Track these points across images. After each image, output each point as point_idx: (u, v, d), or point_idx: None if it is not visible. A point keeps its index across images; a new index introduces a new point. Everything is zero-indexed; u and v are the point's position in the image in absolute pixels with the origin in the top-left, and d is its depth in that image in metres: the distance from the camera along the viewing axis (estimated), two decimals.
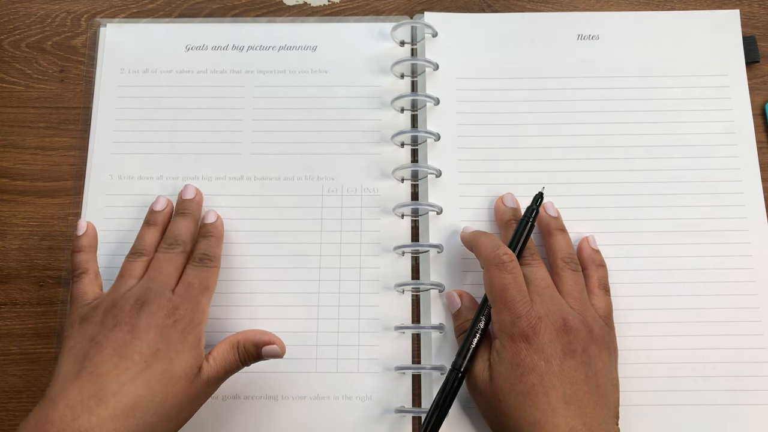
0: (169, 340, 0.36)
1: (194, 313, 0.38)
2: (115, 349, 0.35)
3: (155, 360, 0.35)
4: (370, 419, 0.42)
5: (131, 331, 0.36)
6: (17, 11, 0.52)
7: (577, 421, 0.35)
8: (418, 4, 0.52)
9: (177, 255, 0.41)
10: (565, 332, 0.37)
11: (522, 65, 0.49)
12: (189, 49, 0.50)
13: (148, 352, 0.35)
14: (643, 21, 0.50)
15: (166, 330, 0.37)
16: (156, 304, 0.37)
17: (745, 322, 0.44)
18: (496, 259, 0.39)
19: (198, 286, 0.39)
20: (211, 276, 0.41)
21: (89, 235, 0.44)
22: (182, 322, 0.37)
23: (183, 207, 0.44)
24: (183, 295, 0.39)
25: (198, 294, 0.39)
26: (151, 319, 0.37)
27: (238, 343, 0.39)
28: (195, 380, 0.36)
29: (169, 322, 0.37)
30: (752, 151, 0.47)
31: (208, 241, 0.43)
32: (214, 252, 0.42)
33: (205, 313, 0.40)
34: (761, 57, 0.50)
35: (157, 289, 0.38)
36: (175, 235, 0.42)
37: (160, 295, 0.38)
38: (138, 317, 0.37)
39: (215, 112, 0.49)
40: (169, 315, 0.37)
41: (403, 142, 0.48)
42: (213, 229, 0.43)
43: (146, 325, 0.36)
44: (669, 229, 0.45)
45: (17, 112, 0.50)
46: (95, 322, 0.37)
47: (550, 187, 0.45)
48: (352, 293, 0.45)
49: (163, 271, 0.40)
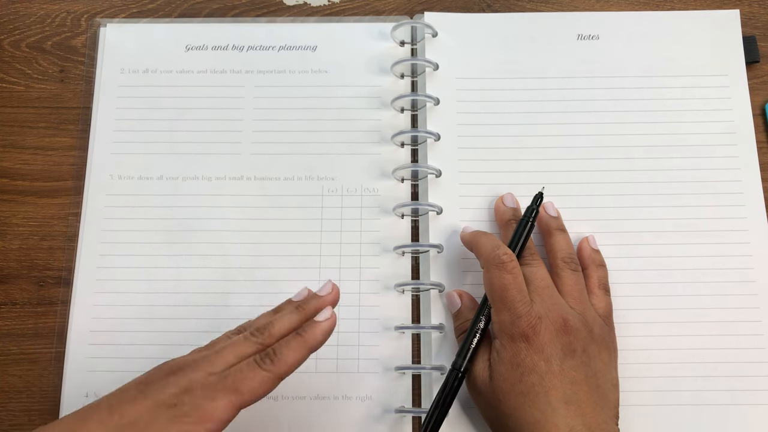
0: (154, 418, 0.31)
1: (201, 408, 0.31)
2: (118, 400, 0.32)
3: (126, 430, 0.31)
4: (370, 419, 0.42)
5: (141, 392, 0.32)
6: (17, 11, 0.52)
7: (577, 422, 0.35)
8: (418, 4, 0.52)
9: (251, 344, 0.34)
10: (565, 332, 0.37)
11: (522, 65, 0.49)
12: (189, 49, 0.50)
13: (128, 419, 0.31)
14: (643, 21, 0.50)
15: (161, 408, 0.31)
16: (181, 377, 0.32)
17: (745, 322, 0.44)
18: (496, 259, 0.39)
19: (231, 380, 0.32)
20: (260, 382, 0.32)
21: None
22: (179, 409, 0.31)
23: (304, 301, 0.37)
24: (206, 383, 0.32)
25: (223, 389, 0.32)
26: (162, 388, 0.32)
27: None
28: None
29: (170, 401, 0.32)
30: (752, 151, 0.47)
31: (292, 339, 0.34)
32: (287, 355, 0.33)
33: (217, 415, 0.31)
34: (761, 57, 0.50)
35: (197, 365, 0.33)
36: (268, 324, 0.35)
37: (191, 371, 0.33)
38: (157, 382, 0.33)
39: (215, 112, 0.49)
40: (176, 394, 0.32)
41: (403, 142, 0.48)
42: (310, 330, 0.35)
43: (152, 393, 0.32)
44: (669, 229, 0.45)
45: (17, 112, 0.50)
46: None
47: (550, 187, 0.45)
48: (352, 293, 0.45)
49: (219, 351, 0.34)
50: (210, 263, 0.45)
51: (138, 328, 0.44)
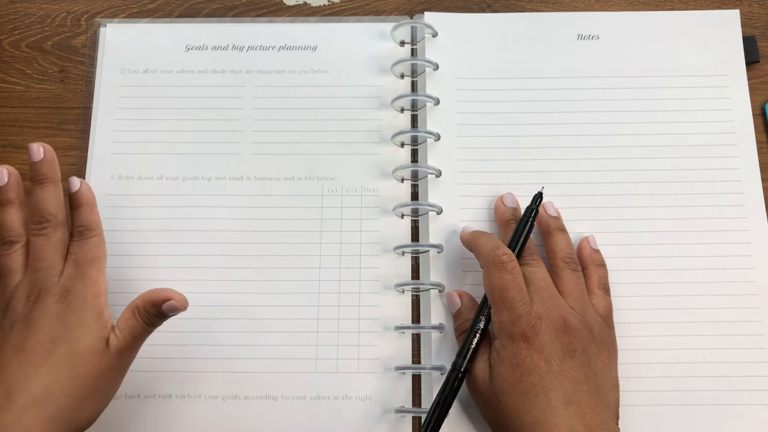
0: (68, 323, 0.36)
1: (87, 288, 0.38)
2: (15, 347, 0.36)
3: (56, 345, 0.36)
4: (370, 419, 0.42)
5: (27, 326, 0.36)
6: (17, 11, 0.52)
7: (577, 422, 0.35)
8: (418, 4, 0.52)
9: (52, 233, 0.39)
10: (565, 332, 0.37)
11: (522, 65, 0.49)
12: (189, 49, 0.50)
13: (47, 341, 0.36)
14: (643, 21, 0.50)
15: (62, 314, 0.36)
16: (47, 293, 0.37)
17: (745, 322, 0.44)
18: (496, 259, 0.39)
19: (84, 260, 0.38)
20: (96, 246, 0.39)
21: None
22: (75, 301, 0.37)
23: (36, 174, 0.40)
24: (72, 275, 0.38)
25: (86, 268, 0.38)
26: (42, 308, 0.36)
27: (137, 308, 0.38)
28: (103, 354, 0.36)
29: (63, 306, 0.37)
30: (752, 151, 0.47)
31: (81, 211, 0.41)
32: (91, 220, 0.40)
33: (100, 284, 0.39)
34: (761, 57, 0.50)
35: (44, 278, 0.37)
36: (41, 211, 0.39)
37: (48, 283, 0.37)
38: (32, 311, 0.36)
39: (215, 112, 0.49)
40: (61, 299, 0.37)
41: (403, 142, 0.48)
42: (81, 198, 0.41)
43: (39, 316, 0.36)
44: (669, 229, 0.45)
45: (17, 112, 0.50)
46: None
47: (550, 187, 0.45)
48: (352, 293, 0.45)
49: (44, 258, 0.38)
50: (210, 263, 0.45)
51: None
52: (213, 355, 0.44)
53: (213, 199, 0.47)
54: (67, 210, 0.41)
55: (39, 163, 0.40)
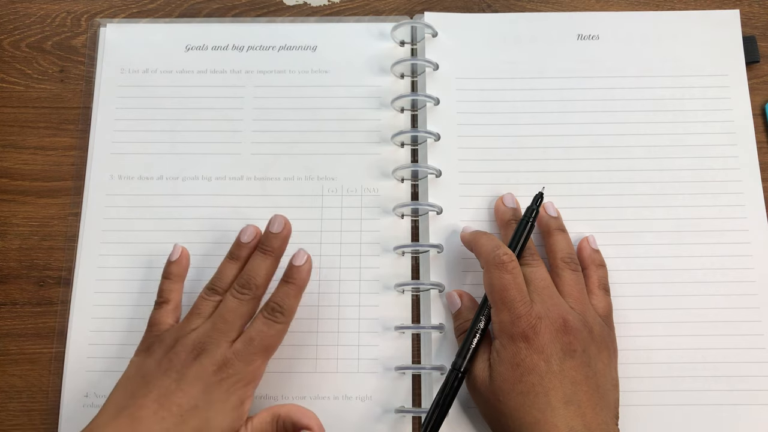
0: (211, 397, 0.36)
1: (245, 372, 0.37)
2: (159, 395, 0.35)
3: (192, 416, 0.35)
4: (370, 419, 0.43)
5: (178, 380, 0.36)
6: (17, 11, 0.52)
7: (577, 422, 0.35)
8: (418, 4, 0.52)
9: (246, 302, 0.38)
10: (565, 332, 0.37)
11: (522, 65, 0.49)
12: (189, 49, 0.50)
13: (186, 406, 0.35)
14: (643, 21, 0.50)
15: (211, 386, 0.36)
16: (209, 356, 0.36)
17: (745, 322, 0.44)
18: (496, 259, 0.39)
19: (259, 343, 0.37)
20: (278, 333, 0.38)
21: (181, 264, 0.42)
22: (229, 380, 0.36)
23: (265, 243, 0.40)
24: (239, 351, 0.37)
25: (256, 352, 0.37)
26: (200, 371, 0.36)
27: (279, 417, 0.38)
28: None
29: (216, 378, 0.36)
30: (752, 151, 0.47)
31: (287, 289, 0.39)
32: (290, 304, 0.39)
33: (259, 373, 0.38)
34: (761, 57, 0.50)
35: (216, 339, 0.37)
36: (250, 277, 0.39)
37: (216, 347, 0.36)
38: (189, 367, 0.36)
39: (215, 112, 0.49)
40: (218, 371, 0.36)
41: (403, 142, 0.48)
42: (298, 276, 0.39)
43: (193, 377, 0.36)
44: (669, 229, 0.45)
45: (17, 112, 0.50)
46: (155, 359, 0.37)
47: (550, 187, 0.45)
48: (352, 293, 0.45)
49: (227, 319, 0.38)
50: (210, 263, 0.45)
51: (138, 328, 0.44)
52: None
53: (213, 199, 0.47)
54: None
55: (274, 236, 0.40)
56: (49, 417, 0.43)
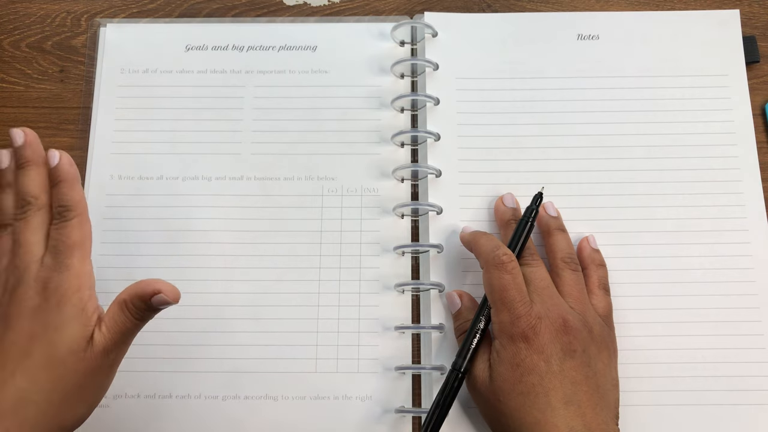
0: (45, 320, 0.33)
1: (67, 281, 0.34)
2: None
3: (32, 346, 0.32)
4: (370, 419, 0.43)
5: (4, 322, 0.33)
6: (17, 11, 0.52)
7: (577, 422, 0.35)
8: (418, 4, 0.52)
9: (33, 216, 0.35)
10: (565, 332, 0.37)
11: (522, 65, 0.49)
12: (189, 49, 0.50)
13: (22, 340, 0.33)
14: (643, 21, 0.50)
15: (39, 311, 0.33)
16: (23, 284, 0.34)
17: (745, 322, 0.44)
18: (496, 259, 0.39)
19: (63, 246, 0.34)
20: (76, 229, 0.35)
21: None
22: (55, 296, 0.33)
23: (19, 158, 0.37)
24: (50, 265, 0.34)
25: (67, 256, 0.34)
26: (20, 303, 0.33)
27: (125, 302, 0.34)
28: (87, 353, 0.33)
29: (40, 300, 0.33)
30: (752, 151, 0.47)
31: (60, 188, 0.36)
32: (71, 197, 0.36)
33: (82, 275, 0.34)
34: (761, 57, 0.50)
35: (22, 266, 0.34)
36: (23, 194, 0.36)
37: (26, 273, 0.34)
38: (9, 305, 0.33)
39: (215, 112, 0.49)
40: (38, 293, 0.33)
41: (403, 142, 0.48)
42: (60, 173, 0.36)
43: (17, 312, 0.33)
44: (669, 229, 0.45)
45: (17, 112, 0.50)
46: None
47: (550, 187, 0.45)
48: (352, 293, 0.45)
49: (23, 243, 0.35)
50: (210, 263, 0.45)
51: None
52: (213, 355, 0.44)
53: (213, 199, 0.47)
54: None
55: (20, 148, 0.37)
56: None
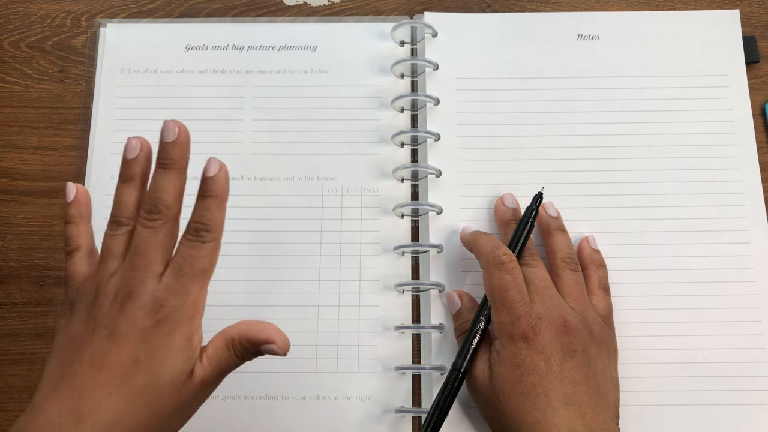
0: (152, 346, 0.31)
1: (183, 307, 0.31)
2: (93, 358, 0.31)
3: (136, 371, 0.31)
4: (370, 419, 0.43)
5: (110, 337, 0.31)
6: (17, 11, 0.52)
7: (578, 422, 0.35)
8: (418, 4, 0.52)
9: (160, 228, 0.32)
10: (565, 332, 0.37)
11: (522, 65, 0.49)
12: (189, 49, 0.50)
13: (127, 362, 0.31)
14: (643, 21, 0.50)
15: (148, 333, 0.31)
16: (137, 300, 0.31)
17: (745, 322, 0.44)
18: (496, 259, 0.39)
19: (189, 269, 0.32)
20: (209, 255, 0.32)
21: (80, 203, 0.36)
22: (168, 321, 0.31)
23: (163, 156, 0.33)
24: (169, 286, 0.31)
25: (190, 281, 0.32)
26: (130, 320, 0.31)
27: (233, 341, 0.33)
28: (185, 385, 0.32)
29: (151, 322, 0.31)
30: (752, 151, 0.47)
31: (207, 203, 0.33)
32: (214, 218, 0.33)
33: (199, 304, 0.32)
34: (761, 57, 0.50)
35: (138, 279, 0.31)
36: (156, 199, 0.33)
37: (141, 288, 0.31)
38: (118, 319, 0.31)
39: (215, 112, 0.49)
40: (151, 314, 0.31)
41: (403, 142, 0.48)
42: (214, 186, 0.33)
43: (126, 330, 0.31)
44: (669, 229, 0.45)
45: (17, 112, 0.50)
46: (79, 318, 0.32)
47: (550, 187, 0.45)
48: (352, 293, 0.45)
49: (144, 254, 0.32)
50: None
51: None
52: None
53: None
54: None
55: (170, 144, 0.33)
56: None
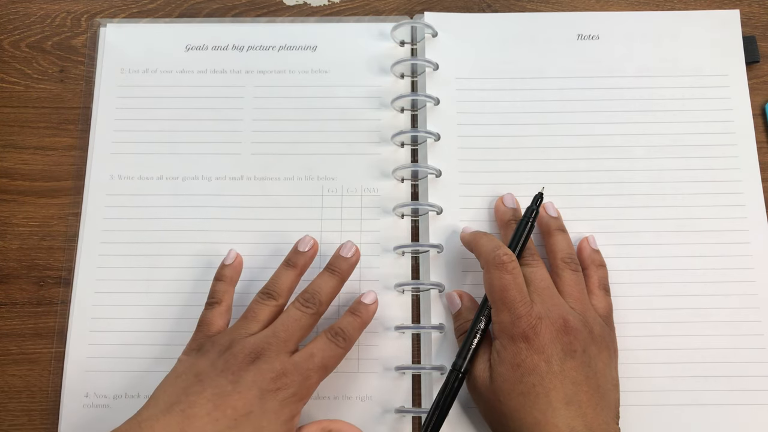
0: (266, 406, 0.35)
1: (301, 387, 0.36)
2: (214, 395, 0.35)
3: (245, 421, 0.34)
4: (370, 419, 0.42)
5: (235, 383, 0.35)
6: (17, 11, 0.52)
7: (578, 422, 0.35)
8: (418, 4, 0.52)
9: (309, 316, 0.38)
10: (566, 332, 0.37)
11: (522, 65, 0.49)
12: (189, 49, 0.50)
13: (242, 411, 0.35)
14: (643, 21, 0.50)
15: (267, 394, 0.35)
16: (268, 363, 0.36)
17: (745, 322, 0.44)
18: (496, 259, 0.39)
19: (319, 360, 0.37)
20: (338, 356, 0.38)
21: (234, 267, 0.43)
22: (285, 391, 0.36)
23: (334, 263, 0.41)
24: (298, 364, 0.37)
25: (315, 369, 0.37)
26: (257, 377, 0.35)
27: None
28: None
29: (272, 386, 0.35)
30: (752, 151, 0.47)
31: (353, 320, 0.40)
32: (352, 334, 0.39)
33: (311, 391, 0.37)
34: (761, 57, 0.50)
35: (276, 347, 0.37)
36: (315, 292, 0.39)
37: (275, 355, 0.36)
38: (246, 371, 0.35)
39: (215, 112, 0.49)
40: (276, 379, 0.36)
41: (403, 142, 0.48)
42: (365, 312, 0.40)
43: (251, 382, 0.35)
44: (669, 229, 0.45)
45: (17, 112, 0.50)
46: (208, 359, 0.37)
47: (550, 187, 0.45)
48: (352, 293, 0.45)
49: (288, 329, 0.38)
50: (210, 263, 0.45)
51: (138, 328, 0.44)
52: None
53: (213, 199, 0.47)
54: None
55: (344, 259, 0.41)
56: (49, 417, 0.43)
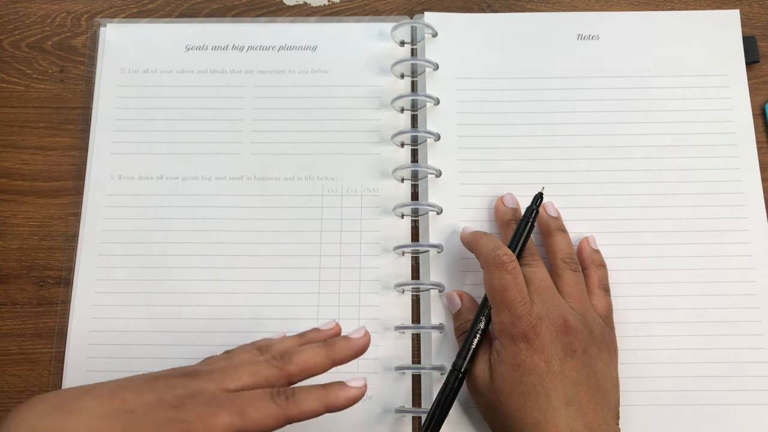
0: (152, 415, 0.30)
1: (199, 421, 0.30)
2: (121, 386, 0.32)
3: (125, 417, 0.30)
4: (370, 419, 0.42)
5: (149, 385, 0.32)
6: (17, 11, 0.52)
7: (578, 422, 0.35)
8: (418, 4, 0.52)
9: (270, 367, 0.33)
10: (566, 333, 0.37)
11: (522, 65, 0.49)
12: (189, 49, 0.50)
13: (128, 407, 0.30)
14: (643, 21, 0.50)
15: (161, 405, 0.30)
16: (192, 381, 0.32)
17: (745, 322, 0.44)
18: (496, 259, 0.39)
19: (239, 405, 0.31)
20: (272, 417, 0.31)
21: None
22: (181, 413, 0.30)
23: (332, 341, 0.36)
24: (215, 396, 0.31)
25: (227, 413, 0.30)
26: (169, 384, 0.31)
27: None
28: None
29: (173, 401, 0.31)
30: (752, 151, 0.47)
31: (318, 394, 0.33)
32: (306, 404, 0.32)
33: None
34: (761, 57, 0.50)
35: (212, 375, 0.32)
36: (291, 354, 0.34)
37: (204, 381, 0.32)
38: (167, 378, 0.32)
39: (215, 112, 0.49)
40: (181, 396, 0.31)
41: (403, 142, 0.48)
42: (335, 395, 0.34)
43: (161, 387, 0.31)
44: (669, 229, 0.45)
45: (17, 112, 0.50)
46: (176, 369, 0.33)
47: (550, 187, 0.45)
48: (352, 293, 0.45)
49: (238, 368, 0.33)
50: (210, 263, 0.45)
51: (138, 328, 0.44)
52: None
53: (213, 199, 0.47)
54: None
55: (350, 345, 0.36)
56: None
